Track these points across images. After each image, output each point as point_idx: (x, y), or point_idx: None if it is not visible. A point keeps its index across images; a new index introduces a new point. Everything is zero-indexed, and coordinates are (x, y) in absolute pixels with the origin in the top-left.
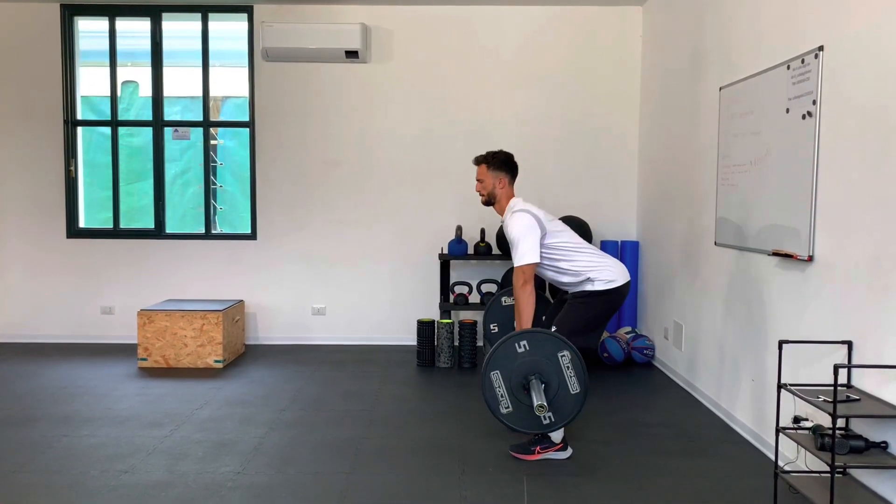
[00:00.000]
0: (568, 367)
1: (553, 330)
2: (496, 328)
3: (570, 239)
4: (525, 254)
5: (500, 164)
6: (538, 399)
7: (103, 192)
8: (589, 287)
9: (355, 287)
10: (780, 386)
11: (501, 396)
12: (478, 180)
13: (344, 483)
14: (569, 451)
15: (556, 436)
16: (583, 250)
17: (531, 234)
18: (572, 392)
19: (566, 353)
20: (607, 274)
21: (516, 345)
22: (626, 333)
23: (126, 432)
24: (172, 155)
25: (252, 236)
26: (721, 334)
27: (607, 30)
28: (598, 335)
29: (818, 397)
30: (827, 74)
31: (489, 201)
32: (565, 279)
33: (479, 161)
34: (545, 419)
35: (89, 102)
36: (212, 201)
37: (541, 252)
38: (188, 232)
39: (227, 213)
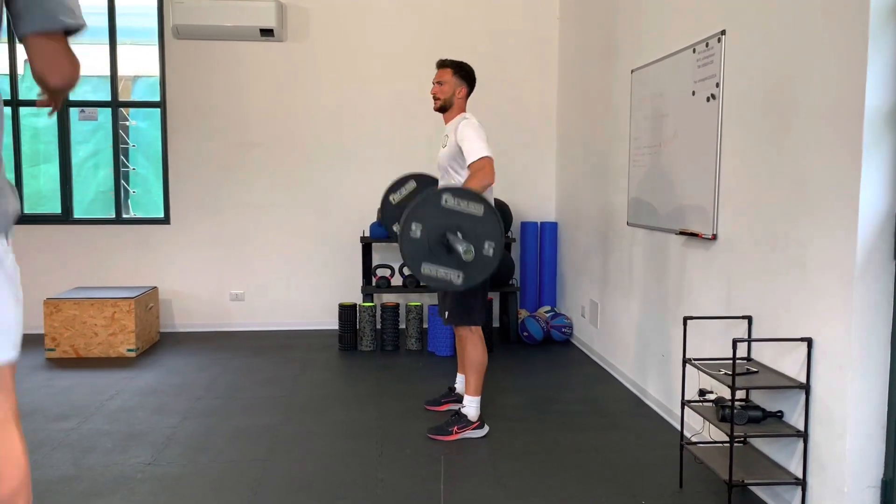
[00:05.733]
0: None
1: (446, 316)
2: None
3: None
4: (485, 147)
5: (466, 74)
6: (462, 246)
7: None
8: None
9: (275, 272)
10: (685, 361)
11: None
12: (437, 82)
13: (259, 470)
14: (485, 429)
15: (473, 414)
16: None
17: (484, 135)
18: (485, 254)
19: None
20: None
21: (442, 199)
22: (546, 312)
23: (30, 427)
24: (82, 136)
25: (165, 220)
26: (633, 312)
27: (526, 11)
28: (484, 305)
29: (720, 371)
30: (729, 58)
31: (444, 107)
32: None
33: (444, 64)
34: (457, 277)
35: None
36: (124, 185)
37: (459, 169)
38: (97, 217)
39: (140, 197)
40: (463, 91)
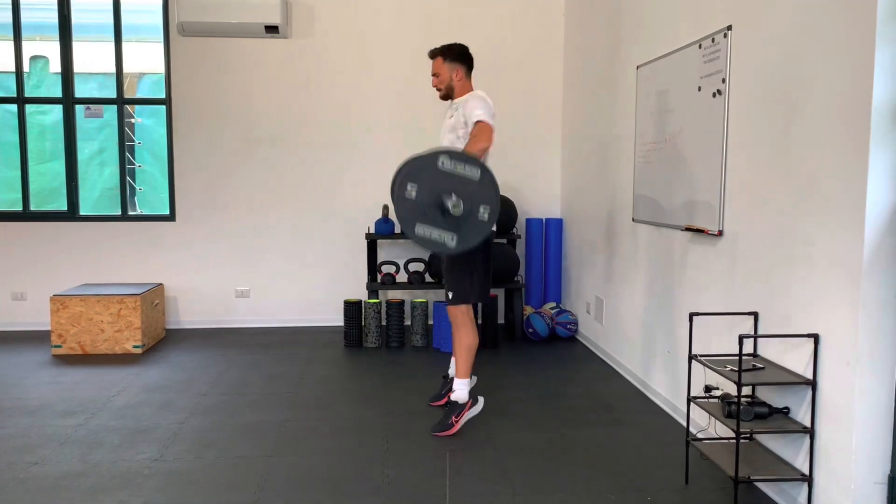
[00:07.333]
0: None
1: (450, 296)
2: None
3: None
4: (489, 115)
5: (456, 55)
6: (452, 199)
7: (11, 172)
8: None
9: (280, 268)
10: (690, 357)
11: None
12: (433, 74)
13: (265, 466)
14: (480, 402)
15: (463, 396)
16: None
17: (492, 110)
18: (479, 218)
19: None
20: None
21: (439, 160)
22: (551, 309)
23: (37, 422)
24: (89, 134)
25: (171, 217)
26: (639, 308)
27: (531, 6)
28: (489, 288)
29: (726, 367)
30: (735, 53)
31: (447, 95)
32: None
33: (434, 54)
34: (451, 240)
35: None
36: (130, 182)
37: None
38: (103, 214)
39: (147, 194)
40: (459, 73)
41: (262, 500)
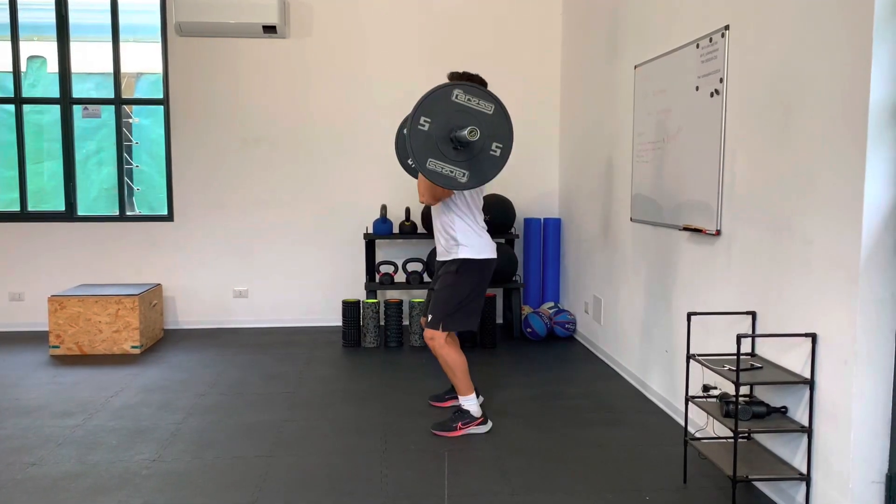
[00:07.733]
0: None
1: (428, 318)
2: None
3: (478, 201)
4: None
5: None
6: (467, 128)
7: (8, 172)
8: (454, 254)
9: (279, 268)
10: (688, 356)
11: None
12: None
13: (264, 466)
14: (489, 425)
15: (476, 410)
16: (476, 215)
17: None
18: (491, 153)
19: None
20: (477, 242)
21: (453, 94)
22: (549, 309)
23: (35, 423)
24: (85, 134)
25: (169, 217)
26: (637, 307)
27: (529, 7)
28: (477, 319)
29: (724, 366)
30: (733, 53)
31: None
32: (443, 237)
33: (453, 78)
34: (462, 176)
35: None
36: (128, 182)
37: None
38: (101, 214)
39: (145, 194)
40: None
41: (261, 500)
